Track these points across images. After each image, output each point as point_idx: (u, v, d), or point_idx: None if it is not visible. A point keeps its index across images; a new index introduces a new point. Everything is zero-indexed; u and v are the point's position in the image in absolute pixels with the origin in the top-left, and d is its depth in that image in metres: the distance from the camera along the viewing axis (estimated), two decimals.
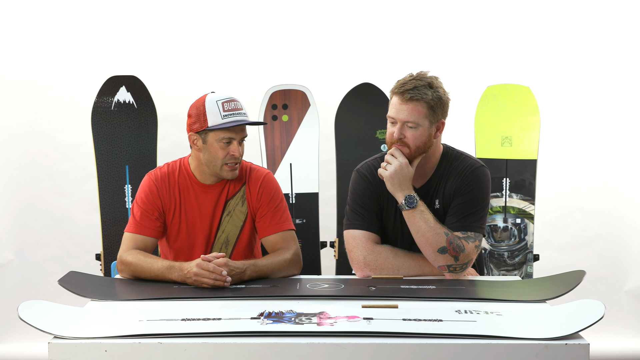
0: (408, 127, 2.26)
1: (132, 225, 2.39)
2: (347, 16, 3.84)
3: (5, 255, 3.71)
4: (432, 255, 2.26)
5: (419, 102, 2.24)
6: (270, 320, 1.70)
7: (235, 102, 2.36)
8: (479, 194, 2.32)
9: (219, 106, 2.33)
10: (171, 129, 3.68)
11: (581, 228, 3.84)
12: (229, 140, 2.34)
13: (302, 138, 3.46)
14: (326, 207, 3.58)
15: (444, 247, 2.24)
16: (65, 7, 3.75)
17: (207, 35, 3.81)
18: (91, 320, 1.77)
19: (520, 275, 3.36)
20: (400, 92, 2.26)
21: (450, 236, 2.25)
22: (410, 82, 2.26)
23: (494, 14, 3.83)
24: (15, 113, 3.72)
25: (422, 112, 2.25)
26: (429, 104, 2.25)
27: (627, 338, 3.78)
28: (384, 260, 2.31)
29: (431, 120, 2.27)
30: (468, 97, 3.62)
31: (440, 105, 2.28)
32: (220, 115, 2.32)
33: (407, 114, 2.25)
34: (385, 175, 2.29)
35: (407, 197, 2.27)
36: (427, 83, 2.26)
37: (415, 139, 2.27)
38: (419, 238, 2.27)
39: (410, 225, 2.28)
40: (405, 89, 2.25)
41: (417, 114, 2.25)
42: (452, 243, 2.24)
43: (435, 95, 2.26)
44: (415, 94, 2.24)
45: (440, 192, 2.36)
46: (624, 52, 3.80)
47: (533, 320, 1.75)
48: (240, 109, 2.36)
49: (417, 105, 2.24)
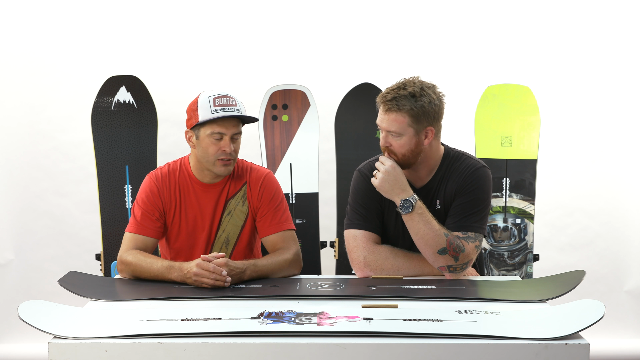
0: (391, 136, 2.28)
1: (132, 226, 2.39)
2: (347, 16, 3.84)
3: (5, 255, 3.71)
4: (432, 257, 2.26)
5: (399, 112, 2.24)
6: (270, 320, 1.70)
7: (228, 98, 2.35)
8: (479, 194, 2.32)
9: (210, 101, 2.33)
10: (171, 129, 3.67)
11: (581, 228, 3.84)
12: (220, 135, 2.34)
13: (302, 138, 3.45)
14: (326, 207, 3.58)
15: (444, 248, 2.24)
16: (66, 7, 3.74)
17: (207, 36, 3.81)
18: (91, 320, 1.77)
19: (520, 275, 3.36)
20: (382, 102, 2.27)
21: (450, 237, 2.25)
22: (391, 92, 2.26)
23: (493, 15, 3.83)
24: (15, 113, 3.72)
25: (404, 121, 2.24)
26: (410, 113, 2.23)
27: (627, 338, 3.78)
28: (384, 260, 2.31)
29: (415, 128, 2.25)
30: (468, 97, 3.62)
31: (424, 114, 2.24)
32: (211, 110, 2.32)
33: (388, 123, 2.26)
34: (376, 183, 2.29)
35: (402, 201, 2.27)
36: (409, 93, 2.24)
37: (400, 147, 2.27)
38: (418, 240, 2.27)
39: (410, 228, 2.28)
40: (385, 99, 2.26)
41: (397, 124, 2.25)
42: (452, 244, 2.24)
43: (418, 104, 2.23)
44: (393, 105, 2.24)
45: (441, 192, 2.35)
46: (624, 52, 3.80)
47: (533, 320, 1.75)
48: (232, 105, 2.34)
49: (397, 116, 2.24)
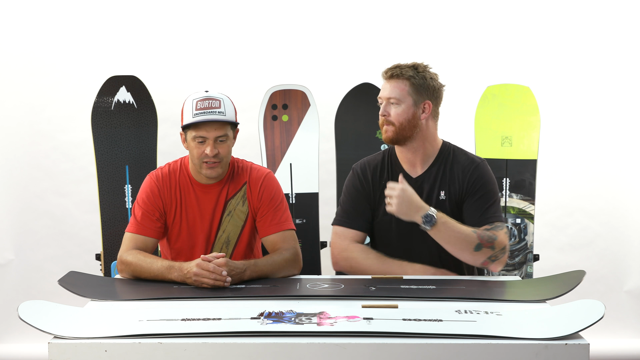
0: (390, 104, 2.38)
1: (132, 226, 2.39)
2: (347, 16, 3.84)
3: (5, 255, 3.71)
4: (471, 257, 2.29)
5: (399, 78, 2.37)
6: (270, 320, 1.70)
7: (211, 100, 2.31)
8: (489, 187, 2.41)
9: (193, 105, 2.32)
10: (171, 129, 3.67)
11: (581, 228, 3.84)
12: (202, 139, 2.32)
13: (302, 138, 3.45)
14: (326, 207, 3.58)
15: (478, 244, 2.28)
16: (66, 7, 3.74)
17: (207, 35, 3.81)
18: (91, 320, 1.77)
19: (520, 275, 3.36)
20: (386, 71, 2.40)
21: (479, 231, 2.30)
22: (395, 64, 2.40)
23: (494, 14, 3.83)
24: (15, 113, 3.72)
25: (404, 89, 2.36)
26: (411, 82, 2.36)
27: (627, 338, 3.78)
28: (355, 260, 2.38)
29: (415, 99, 2.37)
30: (468, 97, 3.62)
31: (424, 86, 2.37)
32: (192, 113, 2.31)
33: (389, 91, 2.38)
34: (393, 210, 2.28)
35: (423, 217, 2.26)
36: (411, 65, 2.39)
37: (398, 115, 2.36)
38: (450, 248, 2.30)
39: (439, 240, 2.30)
40: (388, 68, 2.39)
41: (398, 90, 2.36)
42: (483, 237, 2.29)
43: (420, 75, 2.37)
44: (396, 71, 2.38)
45: (445, 184, 2.41)
46: (624, 52, 3.80)
47: (533, 320, 1.75)
48: (215, 108, 2.31)
49: (398, 82, 2.37)
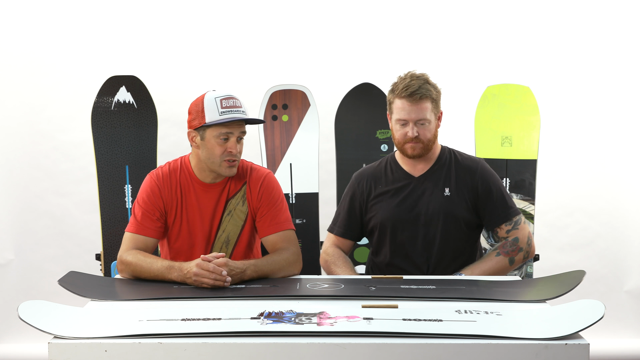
0: (420, 125, 2.46)
1: (132, 225, 2.39)
2: (347, 16, 3.84)
3: (5, 255, 3.71)
4: (512, 269, 2.49)
5: (426, 99, 2.45)
6: (270, 320, 1.70)
7: (234, 99, 2.36)
8: (496, 183, 2.54)
9: (217, 103, 2.34)
10: (171, 129, 3.68)
11: (581, 228, 3.84)
12: (226, 136, 2.34)
13: (302, 138, 3.45)
14: (326, 207, 3.58)
15: (510, 259, 2.45)
16: (66, 7, 3.75)
17: (207, 35, 3.81)
18: (91, 320, 1.77)
19: (520, 275, 3.36)
20: (408, 95, 2.43)
21: (501, 250, 2.46)
22: (413, 84, 2.44)
23: (493, 14, 3.83)
24: (15, 113, 3.72)
25: (429, 108, 2.46)
26: (432, 99, 2.47)
27: (627, 338, 3.78)
28: (330, 265, 2.55)
29: (435, 113, 2.50)
30: (468, 97, 3.62)
31: (438, 99, 2.50)
32: (218, 111, 2.33)
33: (418, 113, 2.45)
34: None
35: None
36: (425, 80, 2.47)
37: (428, 133, 2.48)
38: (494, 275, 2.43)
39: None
40: (411, 90, 2.43)
41: (426, 111, 2.46)
42: (507, 248, 2.45)
43: (435, 89, 2.49)
44: (423, 93, 2.44)
45: (449, 181, 2.52)
46: (624, 52, 3.80)
47: (533, 320, 1.75)
48: (238, 107, 2.35)
49: (425, 103, 2.45)
